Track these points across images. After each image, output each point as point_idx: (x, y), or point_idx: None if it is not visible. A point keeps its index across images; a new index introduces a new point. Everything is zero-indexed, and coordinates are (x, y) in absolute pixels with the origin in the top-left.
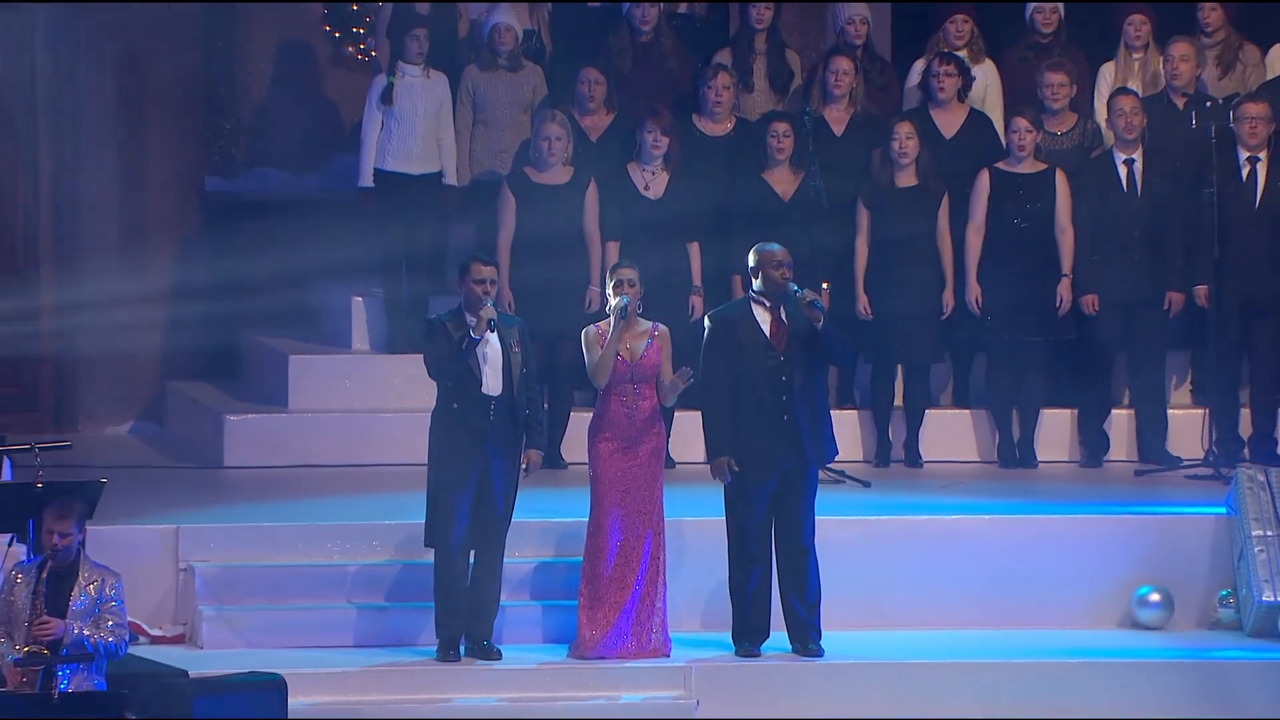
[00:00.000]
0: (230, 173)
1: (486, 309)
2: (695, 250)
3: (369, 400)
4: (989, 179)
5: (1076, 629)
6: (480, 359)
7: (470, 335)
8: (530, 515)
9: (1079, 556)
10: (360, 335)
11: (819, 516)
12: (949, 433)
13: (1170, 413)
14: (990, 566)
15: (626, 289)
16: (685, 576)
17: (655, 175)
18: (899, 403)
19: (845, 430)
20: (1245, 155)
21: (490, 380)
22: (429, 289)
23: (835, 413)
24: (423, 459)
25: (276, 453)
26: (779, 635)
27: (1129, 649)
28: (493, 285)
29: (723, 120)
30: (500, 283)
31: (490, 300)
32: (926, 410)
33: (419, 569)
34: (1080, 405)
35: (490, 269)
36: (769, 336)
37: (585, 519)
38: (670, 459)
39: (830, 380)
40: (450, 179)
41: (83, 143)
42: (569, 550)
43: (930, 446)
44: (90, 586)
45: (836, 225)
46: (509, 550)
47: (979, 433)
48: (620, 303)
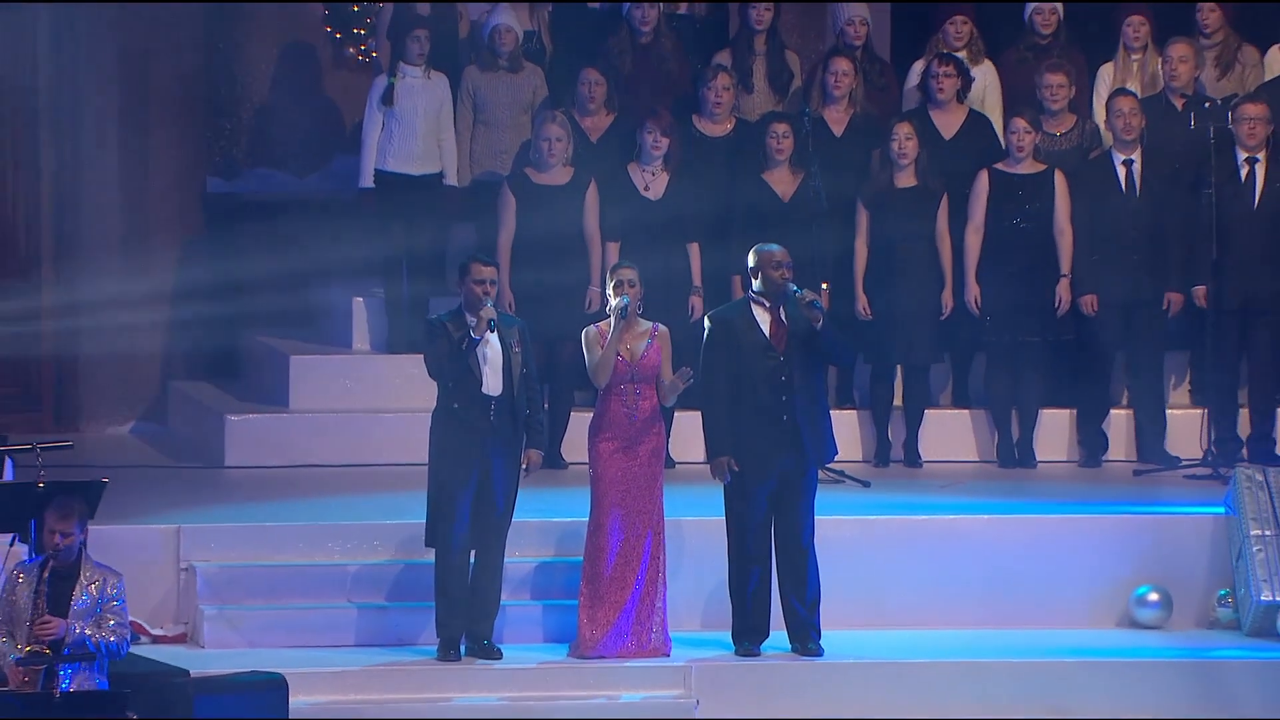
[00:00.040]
0: (231, 173)
1: (486, 309)
2: (695, 251)
3: (370, 400)
4: (988, 179)
5: (1075, 628)
6: (480, 359)
7: (470, 335)
8: (530, 515)
9: (1078, 556)
10: (361, 335)
11: (818, 516)
12: (948, 433)
13: (1169, 413)
14: (989, 566)
15: (626, 289)
16: (685, 576)
17: (655, 176)
18: (898, 403)
19: (845, 430)
20: (1244, 156)
21: (490, 380)
22: (429, 289)
23: (835, 413)
24: (423, 459)
25: (277, 453)
26: (779, 635)
27: (1128, 648)
28: (493, 285)
29: (722, 121)
30: (500, 283)
31: (490, 300)
32: (926, 410)
33: (420, 569)
34: (1079, 405)
35: (490, 269)
36: (768, 337)
37: (585, 519)
38: (670, 459)
39: (830, 380)
40: (451, 180)
41: (84, 143)
42: (569, 550)
43: (929, 446)
44: (92, 586)
45: (836, 226)
46: (509, 550)
47: (978, 433)
48: (620, 303)
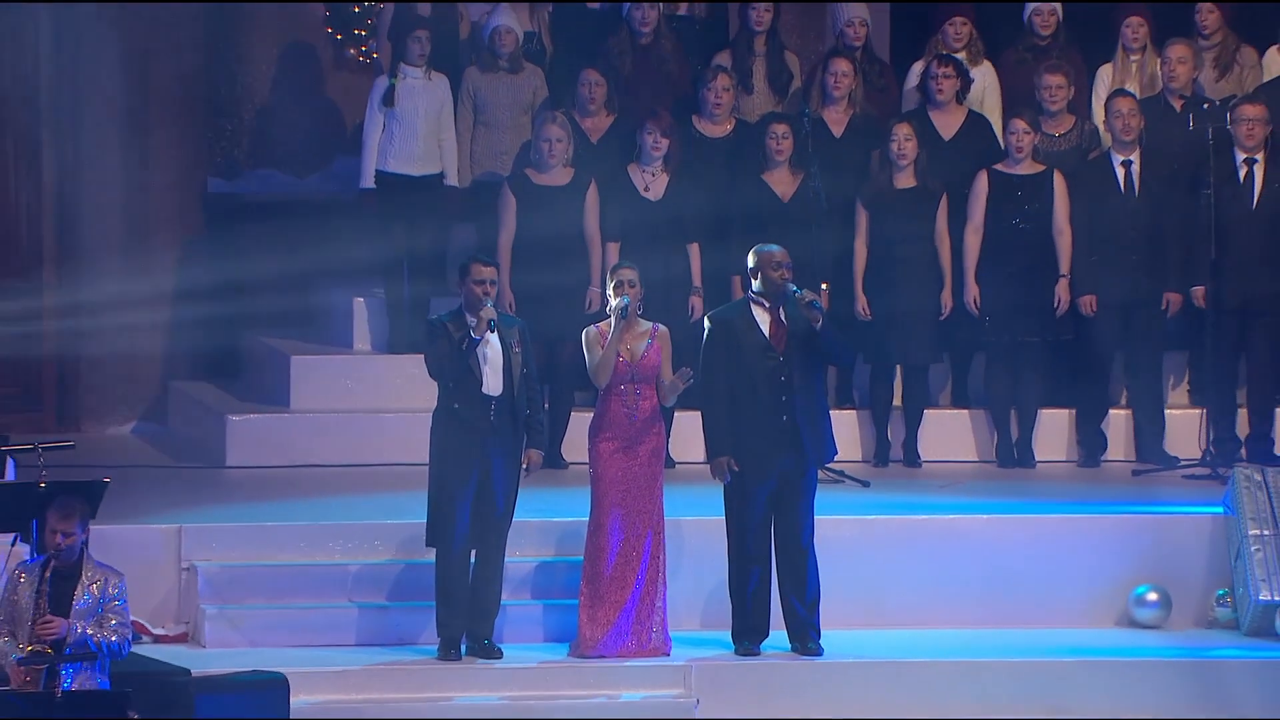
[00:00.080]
0: (232, 174)
1: (487, 309)
2: (695, 251)
3: (370, 400)
4: (987, 180)
5: (1074, 628)
6: (481, 359)
7: (471, 335)
8: (531, 515)
9: (1077, 556)
10: (362, 336)
11: (818, 516)
12: (947, 432)
13: (1168, 413)
14: (988, 566)
15: (627, 289)
16: (685, 576)
17: (655, 176)
18: (898, 403)
19: (844, 430)
20: (1242, 157)
21: (491, 380)
22: (430, 290)
23: (834, 413)
24: (424, 459)
25: (278, 453)
26: (778, 634)
27: (1126, 648)
28: (493, 286)
29: (722, 122)
30: (501, 283)
31: (490, 301)
32: (925, 410)
33: (420, 568)
34: (1078, 405)
35: (490, 269)
36: (768, 337)
37: (586, 518)
38: (670, 459)
39: (829, 380)
40: (451, 180)
41: (85, 144)
42: (569, 550)
43: (929, 446)
44: (93, 586)
45: (835, 226)
46: (510, 550)
47: (977, 432)
48: (620, 303)
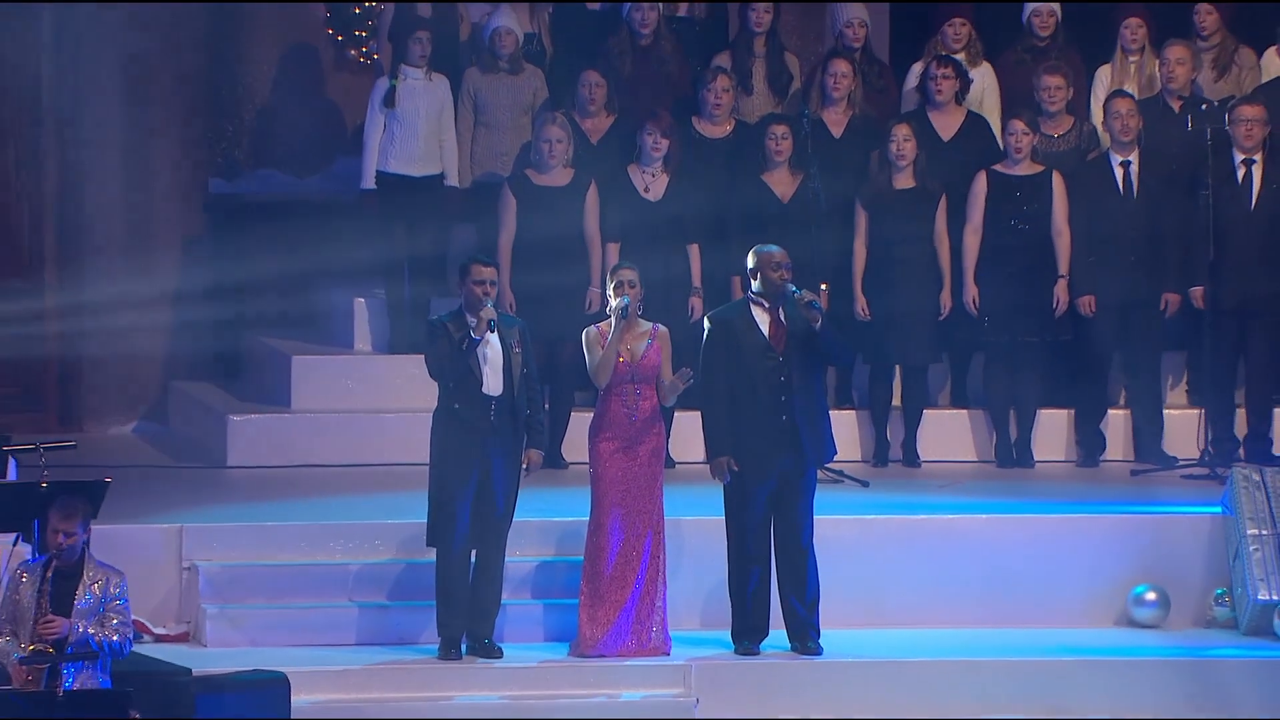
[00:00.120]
0: (233, 175)
1: (487, 310)
2: (695, 252)
3: (371, 400)
4: (986, 181)
5: (1073, 627)
6: (481, 359)
7: (471, 336)
8: (531, 515)
9: (1076, 555)
10: (362, 336)
11: (817, 516)
12: (947, 433)
13: (1166, 413)
14: (988, 565)
15: (627, 290)
16: (685, 575)
17: (655, 177)
18: (897, 403)
19: (844, 430)
20: (1240, 157)
21: (491, 380)
22: (430, 290)
23: (834, 413)
24: (424, 459)
25: (279, 453)
26: (778, 634)
27: (1125, 647)
28: (493, 286)
29: (722, 123)
30: (501, 284)
31: (490, 301)
32: (924, 410)
33: (421, 568)
34: (1077, 405)
35: (490, 270)
36: (768, 337)
37: (586, 518)
38: (670, 459)
39: (829, 380)
40: (452, 181)
41: (87, 145)
42: (569, 549)
43: (928, 446)
44: (95, 585)
45: (835, 227)
46: (510, 549)
47: (976, 433)
48: (620, 303)
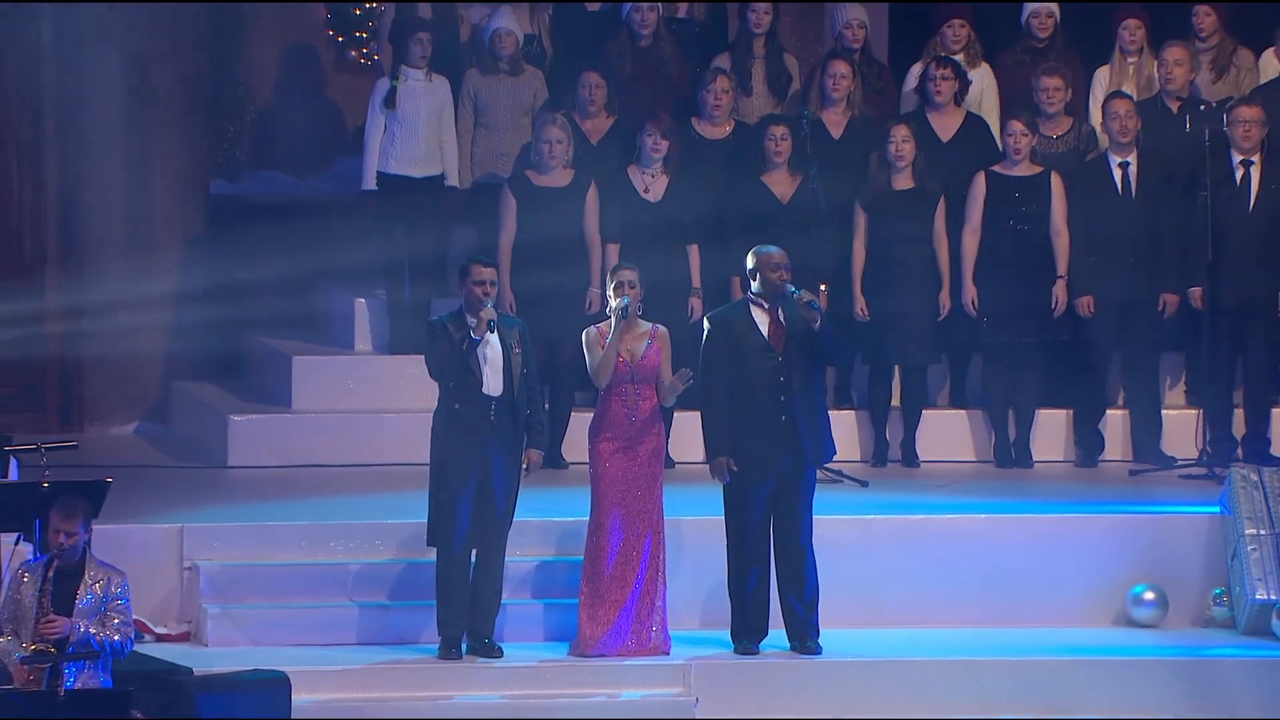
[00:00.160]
0: (234, 175)
1: (486, 310)
2: (694, 252)
3: (371, 401)
4: (985, 182)
5: (1072, 627)
6: (481, 360)
7: (471, 336)
8: (531, 514)
9: (1074, 555)
10: (363, 336)
11: (817, 516)
12: (946, 433)
13: (1164, 413)
14: (987, 565)
15: (627, 290)
16: (685, 575)
17: (655, 178)
18: (896, 403)
19: (843, 430)
20: (1238, 158)
21: (491, 381)
22: (431, 291)
23: (833, 413)
24: (424, 459)
25: (280, 453)
26: (777, 633)
27: (1124, 647)
28: (492, 286)
29: (721, 124)
30: (501, 284)
31: (490, 301)
32: (923, 410)
33: (421, 568)
34: (1075, 406)
35: (490, 270)
36: (767, 338)
37: (586, 518)
38: (670, 459)
39: (828, 381)
40: (452, 182)
41: (88, 145)
42: (570, 549)
43: (927, 446)
44: (96, 585)
45: (834, 227)
46: (510, 549)
47: (975, 433)
48: (620, 304)
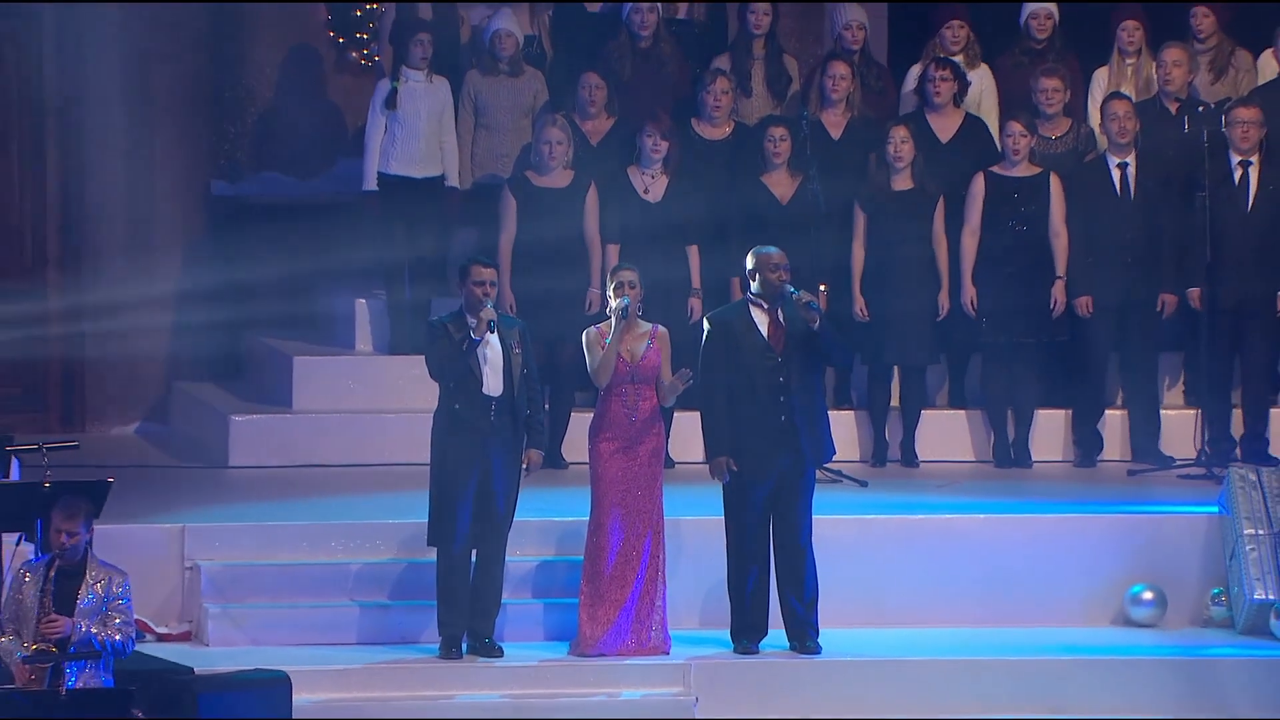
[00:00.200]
0: (235, 176)
1: (486, 310)
2: (694, 253)
3: (372, 401)
4: (984, 182)
5: (1071, 627)
6: (481, 360)
7: (471, 336)
8: (531, 514)
9: (1073, 555)
10: (364, 337)
11: (816, 516)
12: (945, 433)
13: (1163, 413)
14: (986, 565)
15: (627, 291)
16: (684, 575)
17: (655, 179)
18: (895, 403)
19: (842, 430)
20: (1237, 159)
21: (491, 381)
22: (431, 291)
23: (832, 413)
24: (425, 459)
25: (281, 453)
26: (777, 633)
27: (1122, 646)
28: (492, 287)
29: (721, 125)
30: (501, 285)
31: (490, 302)
32: (922, 411)
33: (422, 568)
34: (1074, 406)
35: (490, 271)
36: (767, 338)
37: (586, 518)
38: (670, 459)
39: (827, 381)
40: (452, 182)
41: (89, 146)
42: (570, 549)
43: (926, 446)
44: (97, 585)
45: (834, 228)
46: (510, 549)
47: (974, 433)
48: (620, 304)
